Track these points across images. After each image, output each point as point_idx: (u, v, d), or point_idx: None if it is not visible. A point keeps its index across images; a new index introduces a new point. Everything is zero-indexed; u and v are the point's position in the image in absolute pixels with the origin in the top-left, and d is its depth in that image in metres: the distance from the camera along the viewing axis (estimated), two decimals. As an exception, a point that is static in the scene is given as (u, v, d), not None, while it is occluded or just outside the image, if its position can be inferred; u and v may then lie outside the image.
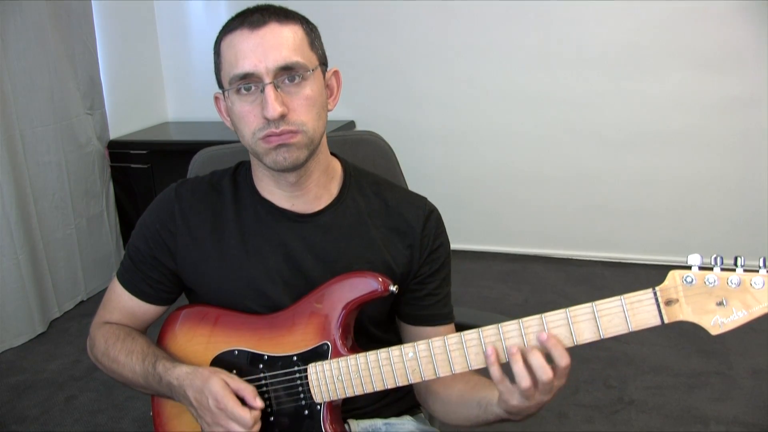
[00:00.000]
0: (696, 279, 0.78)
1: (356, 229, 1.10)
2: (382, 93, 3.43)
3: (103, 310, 1.17)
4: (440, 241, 1.14)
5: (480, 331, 0.90)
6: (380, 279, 1.01)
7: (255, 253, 1.08)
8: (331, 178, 1.11)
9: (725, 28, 2.91)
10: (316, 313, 1.03)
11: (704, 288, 0.78)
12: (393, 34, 3.36)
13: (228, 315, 1.08)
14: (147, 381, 1.07)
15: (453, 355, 0.92)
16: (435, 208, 1.16)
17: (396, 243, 1.11)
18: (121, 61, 3.45)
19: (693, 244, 3.23)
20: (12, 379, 2.51)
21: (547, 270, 3.31)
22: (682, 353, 2.50)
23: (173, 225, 1.10)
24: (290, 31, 0.99)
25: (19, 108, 2.73)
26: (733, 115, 3.00)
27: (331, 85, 1.08)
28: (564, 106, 3.21)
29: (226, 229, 1.10)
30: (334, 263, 1.08)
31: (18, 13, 2.69)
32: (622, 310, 0.83)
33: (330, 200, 1.11)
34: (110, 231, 3.32)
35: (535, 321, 0.87)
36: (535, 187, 3.37)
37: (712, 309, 0.78)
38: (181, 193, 1.12)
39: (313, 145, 1.01)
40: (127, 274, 1.14)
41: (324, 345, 1.02)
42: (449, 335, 0.93)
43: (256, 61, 0.96)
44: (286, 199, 1.09)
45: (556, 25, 3.12)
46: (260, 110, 0.97)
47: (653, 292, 0.81)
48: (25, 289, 2.75)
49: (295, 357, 1.03)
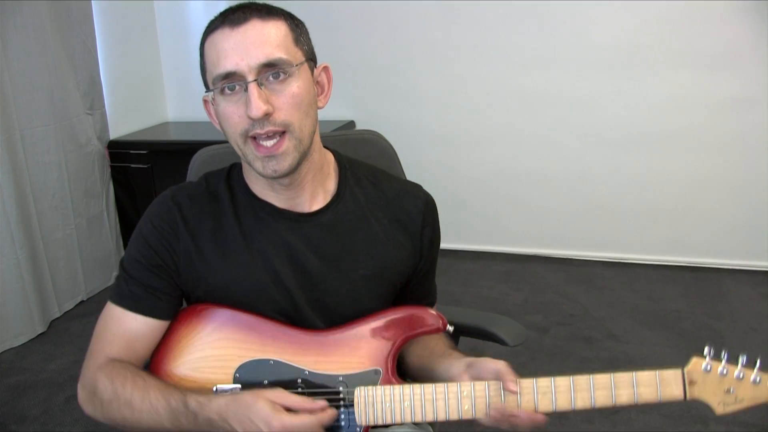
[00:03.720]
0: (712, 368, 0.96)
1: (358, 225, 1.09)
2: (382, 93, 3.42)
3: (99, 347, 1.06)
4: (437, 231, 1.15)
5: (535, 381, 0.98)
6: (441, 319, 1.05)
7: (259, 255, 1.06)
8: (327, 175, 1.10)
9: (725, 28, 2.91)
10: (368, 338, 1.05)
11: (717, 377, 0.96)
12: (393, 34, 3.35)
13: (266, 323, 1.06)
14: (177, 421, 0.97)
15: (508, 399, 0.97)
16: (430, 195, 1.16)
17: (397, 235, 1.11)
18: (121, 61, 3.45)
19: (693, 244, 3.23)
20: (12, 379, 2.51)
21: (547, 270, 3.30)
22: (682, 353, 2.48)
23: (175, 233, 1.06)
24: (273, 27, 0.96)
25: (19, 108, 2.73)
26: (733, 115, 3.00)
27: (321, 82, 1.06)
28: (564, 106, 3.21)
29: (228, 235, 1.07)
30: (339, 261, 1.07)
31: (18, 13, 2.69)
32: (656, 382, 0.97)
33: (329, 197, 1.09)
34: (110, 231, 3.32)
35: (584, 380, 0.98)
36: (535, 187, 3.37)
37: (721, 394, 0.97)
38: (179, 200, 1.08)
39: (302, 146, 0.99)
40: (128, 293, 1.05)
41: (375, 371, 1.03)
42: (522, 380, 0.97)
43: (237, 59, 0.94)
44: (284, 200, 1.08)
45: (556, 25, 3.11)
46: (245, 110, 0.95)
47: (683, 373, 0.97)
48: (25, 289, 2.75)
49: (341, 377, 1.03)
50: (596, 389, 0.97)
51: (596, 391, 0.97)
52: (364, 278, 1.09)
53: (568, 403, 0.97)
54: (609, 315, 2.84)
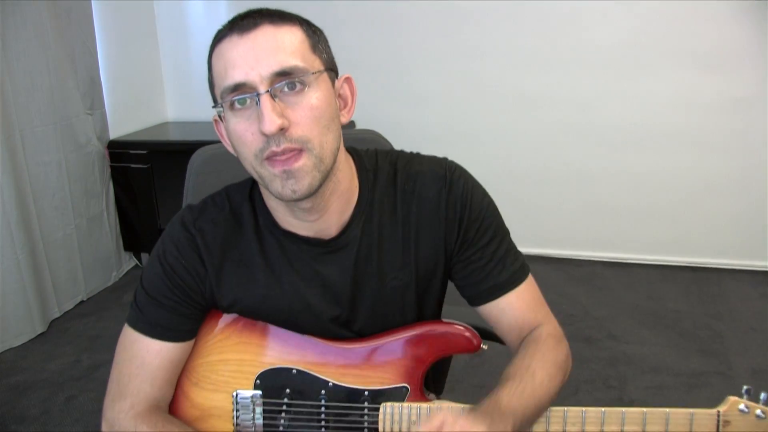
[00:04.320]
0: (749, 410, 0.93)
1: (384, 235, 1.00)
2: (382, 93, 3.42)
3: (133, 384, 0.99)
4: (469, 207, 1.02)
5: (566, 411, 0.96)
6: (475, 339, 1.01)
7: (290, 288, 1.00)
8: (353, 190, 0.99)
9: (725, 28, 2.91)
10: (398, 354, 1.01)
11: (754, 420, 0.93)
12: (393, 33, 3.35)
13: (290, 332, 1.02)
14: None
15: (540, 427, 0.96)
16: (456, 170, 1.04)
17: (427, 231, 1.00)
18: (121, 61, 3.45)
19: (693, 244, 3.23)
20: (12, 379, 2.51)
21: (547, 270, 3.30)
22: (682, 353, 2.50)
23: (200, 260, 0.99)
24: (287, 33, 0.86)
25: (19, 108, 2.73)
26: (733, 115, 3.00)
27: (343, 95, 0.96)
28: (564, 106, 3.21)
29: (256, 265, 1.00)
30: (371, 278, 1.01)
31: (18, 13, 2.69)
32: (690, 421, 0.94)
33: (350, 211, 0.99)
34: (110, 231, 3.32)
35: (616, 413, 0.95)
36: (535, 187, 3.37)
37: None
38: (201, 226, 0.99)
39: (323, 165, 0.88)
40: (155, 320, 0.99)
41: (403, 387, 1.00)
42: (552, 408, 0.94)
43: (247, 69, 0.83)
44: (307, 227, 0.97)
45: (556, 25, 3.11)
46: (258, 126, 0.84)
47: (717, 414, 0.94)
48: (25, 289, 2.75)
49: (367, 392, 1.00)
50: (627, 424, 0.95)
51: (627, 426, 0.95)
52: (397, 289, 1.02)
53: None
54: (609, 315, 2.84)
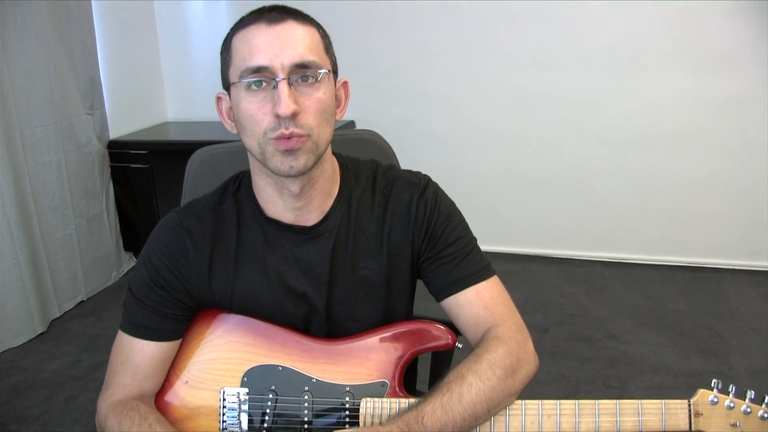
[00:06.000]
0: (719, 401, 0.97)
1: (360, 227, 1.09)
2: (382, 93, 3.43)
3: (119, 380, 1.06)
4: (442, 208, 1.13)
5: (540, 403, 0.99)
6: (450, 336, 1.06)
7: (273, 273, 1.07)
8: (334, 183, 1.10)
9: (725, 28, 2.91)
10: (377, 350, 1.05)
11: (724, 410, 0.97)
12: (393, 34, 3.36)
13: (277, 329, 1.07)
14: None
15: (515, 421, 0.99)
16: (429, 181, 1.15)
17: (396, 227, 1.10)
18: (121, 61, 3.45)
19: (693, 244, 3.23)
20: (12, 379, 2.51)
21: (547, 270, 3.30)
22: (682, 353, 2.50)
23: (186, 260, 1.06)
24: (308, 32, 0.98)
25: (19, 108, 2.73)
26: (733, 115, 3.00)
27: (339, 96, 1.06)
28: (564, 106, 3.21)
29: (240, 256, 1.07)
30: (345, 264, 1.08)
31: (18, 13, 2.70)
32: (662, 412, 0.98)
33: (331, 203, 1.09)
34: (110, 231, 3.32)
35: (589, 404, 0.99)
36: (535, 187, 3.37)
37: (727, 428, 0.97)
38: (188, 225, 1.07)
39: (318, 151, 0.99)
40: (142, 321, 1.06)
41: (382, 383, 1.04)
42: (527, 401, 0.98)
43: (272, 56, 0.94)
44: (290, 211, 1.06)
45: (556, 26, 3.12)
46: (270, 108, 0.94)
47: (689, 404, 0.97)
48: (25, 289, 2.75)
49: (348, 388, 1.03)
50: (601, 415, 0.98)
51: (601, 417, 0.98)
52: (367, 277, 1.09)
53: (572, 427, 0.98)
54: (609, 315, 2.84)
